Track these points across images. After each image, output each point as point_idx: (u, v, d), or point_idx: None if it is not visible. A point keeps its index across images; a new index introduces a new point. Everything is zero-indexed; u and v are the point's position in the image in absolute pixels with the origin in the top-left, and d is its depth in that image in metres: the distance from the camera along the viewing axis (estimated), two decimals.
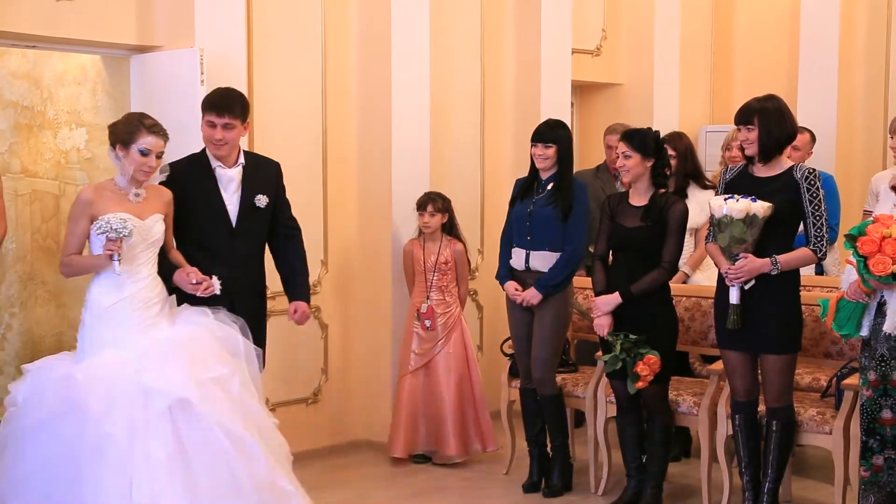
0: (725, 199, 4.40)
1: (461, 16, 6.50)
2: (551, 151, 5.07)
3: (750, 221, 4.35)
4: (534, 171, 5.18)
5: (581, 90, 7.70)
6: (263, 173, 4.60)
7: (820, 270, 5.80)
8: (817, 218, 4.43)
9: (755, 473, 4.61)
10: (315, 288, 5.73)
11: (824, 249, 4.46)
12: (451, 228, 5.79)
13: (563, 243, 5.04)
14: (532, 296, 5.04)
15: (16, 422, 3.88)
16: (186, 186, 4.37)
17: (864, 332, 4.23)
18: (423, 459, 5.73)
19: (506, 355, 5.57)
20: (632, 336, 4.68)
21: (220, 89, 4.58)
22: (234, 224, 4.46)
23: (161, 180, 4.30)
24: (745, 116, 4.50)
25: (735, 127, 4.65)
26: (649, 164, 4.75)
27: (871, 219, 4.15)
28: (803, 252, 4.45)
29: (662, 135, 4.94)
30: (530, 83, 6.72)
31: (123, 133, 4.04)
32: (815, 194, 4.43)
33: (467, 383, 5.73)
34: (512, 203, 5.27)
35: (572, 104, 7.35)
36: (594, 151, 7.35)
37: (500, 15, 6.74)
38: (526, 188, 5.21)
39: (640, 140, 4.75)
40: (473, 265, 6.46)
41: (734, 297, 4.43)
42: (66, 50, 5.43)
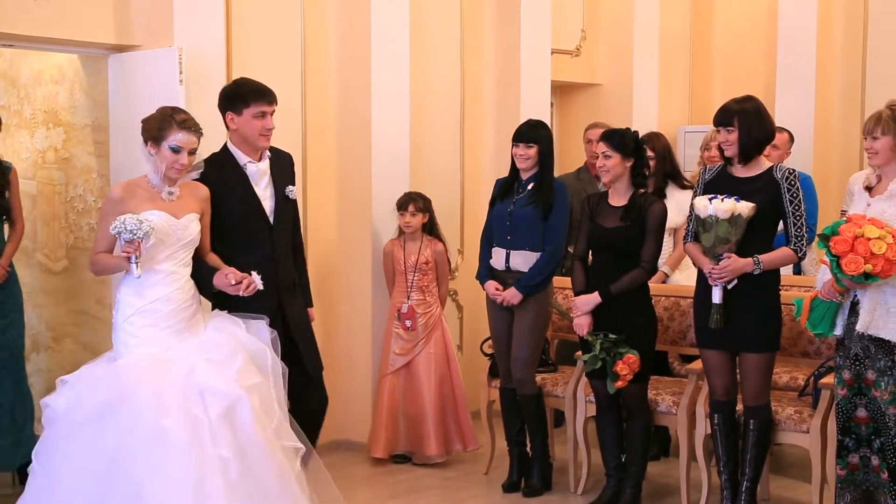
0: (710, 200, 4.42)
1: (441, 16, 6.50)
2: (532, 151, 5.09)
3: (734, 221, 4.38)
4: (514, 171, 5.19)
5: (560, 90, 7.72)
6: (284, 164, 4.50)
7: (798, 270, 5.85)
8: (797, 218, 4.46)
9: (733, 472, 4.64)
10: None
11: (805, 249, 4.50)
12: (431, 228, 5.79)
13: (544, 243, 5.06)
14: (512, 295, 5.05)
15: (61, 422, 3.72)
16: (217, 187, 4.22)
17: (838, 332, 4.26)
18: (404, 459, 5.73)
19: (486, 355, 5.58)
20: (611, 335, 4.70)
21: (247, 79, 4.45)
22: (271, 219, 4.34)
23: (195, 177, 4.16)
24: (724, 118, 4.52)
25: (714, 128, 4.67)
26: (629, 165, 4.77)
27: (844, 218, 4.18)
28: (784, 252, 4.48)
29: (641, 135, 4.97)
30: (510, 83, 6.74)
31: (154, 129, 3.92)
32: (795, 194, 4.46)
33: (447, 383, 5.73)
34: (492, 203, 5.28)
35: (552, 104, 7.36)
36: (574, 151, 7.37)
37: (480, 15, 6.75)
38: (506, 188, 5.22)
39: (619, 140, 4.76)
40: (454, 265, 6.46)
41: (717, 296, 4.46)
42: (44, 49, 5.39)
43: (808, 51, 7.31)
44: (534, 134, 5.11)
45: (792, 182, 4.47)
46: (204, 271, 4.07)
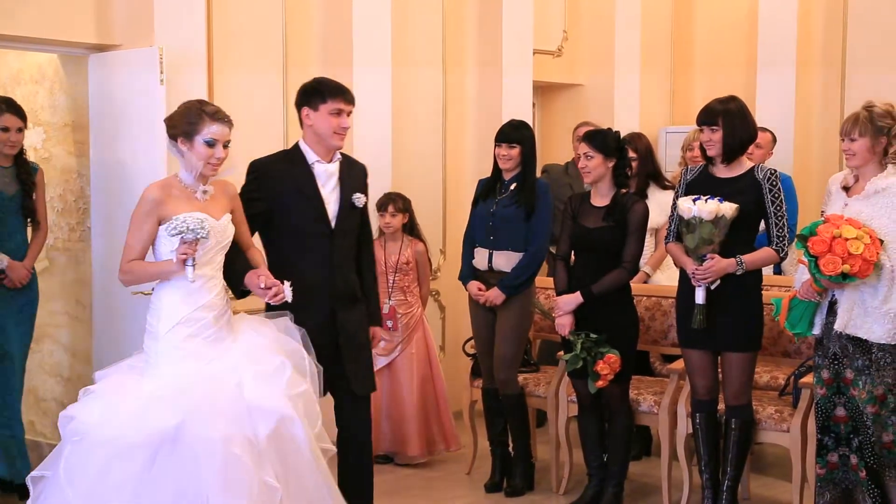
0: (694, 201, 4.43)
1: (423, 16, 6.50)
2: (515, 152, 5.09)
3: (718, 222, 4.39)
4: (497, 171, 5.19)
5: (542, 91, 7.73)
6: (356, 172, 4.32)
7: (777, 270, 5.87)
8: (779, 218, 4.49)
9: (714, 471, 4.66)
10: None
11: (786, 249, 4.52)
12: (411, 229, 5.79)
13: (526, 243, 5.06)
14: (495, 296, 5.06)
15: (99, 442, 3.43)
16: (280, 184, 4.08)
17: (817, 331, 4.29)
18: (386, 460, 5.72)
19: (468, 355, 5.58)
20: (593, 335, 4.71)
21: (327, 78, 4.27)
22: (332, 223, 4.14)
23: (229, 175, 3.89)
24: (708, 117, 4.54)
25: (697, 127, 4.69)
26: (611, 165, 4.78)
27: (821, 219, 4.21)
28: (766, 252, 4.50)
29: (623, 135, 4.98)
30: (492, 84, 6.74)
31: (184, 124, 3.67)
32: (776, 195, 4.49)
33: (430, 383, 5.73)
34: (475, 203, 5.28)
35: (534, 104, 7.38)
36: (556, 151, 7.39)
37: (462, 16, 6.76)
38: (489, 188, 5.22)
39: (601, 140, 4.77)
40: (436, 265, 6.46)
41: (700, 297, 4.47)
42: (23, 48, 5.36)
43: (788, 52, 7.36)
44: (516, 134, 5.12)
45: (774, 182, 4.50)
46: (237, 266, 3.83)
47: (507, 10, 6.72)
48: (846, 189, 4.31)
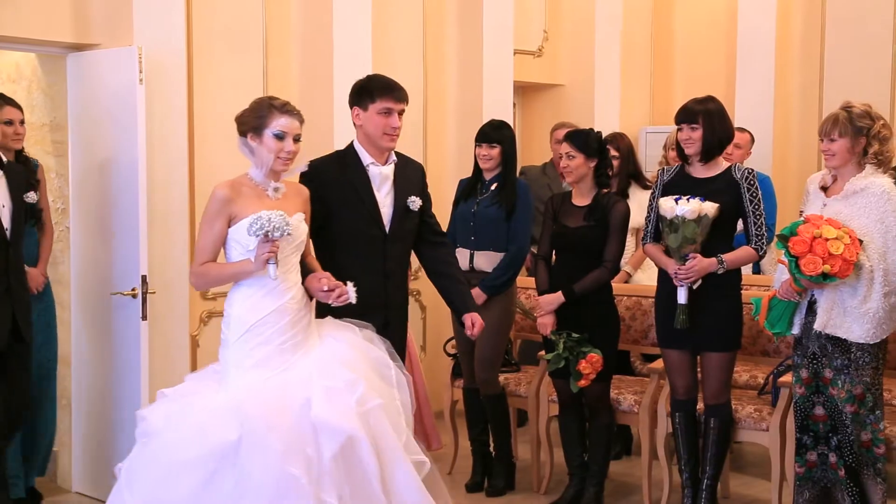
0: (676, 200, 4.45)
1: (403, 16, 6.49)
2: (496, 152, 5.10)
3: (700, 222, 4.41)
4: (477, 171, 5.20)
5: (523, 91, 7.74)
6: (412, 173, 4.19)
7: (757, 270, 5.91)
8: (757, 217, 4.51)
9: (694, 470, 4.68)
10: None
11: (765, 248, 4.55)
12: None
13: (507, 243, 5.06)
14: (476, 296, 5.05)
15: (161, 448, 3.38)
16: (333, 186, 3.95)
17: (796, 331, 4.31)
18: None
19: (449, 355, 5.58)
20: (574, 335, 4.72)
21: (379, 75, 4.14)
22: (387, 228, 4.02)
23: (303, 170, 3.82)
24: (688, 116, 4.55)
25: (677, 126, 4.70)
26: (592, 165, 4.79)
27: (802, 219, 4.23)
28: (746, 251, 4.52)
29: (605, 135, 4.99)
30: (472, 84, 6.74)
31: (253, 119, 3.59)
32: (754, 194, 4.51)
33: (410, 383, 5.71)
34: (455, 203, 5.28)
35: (514, 105, 7.38)
36: (536, 151, 7.40)
37: (443, 16, 6.75)
38: (469, 188, 5.22)
39: (583, 140, 4.78)
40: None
41: (682, 297, 4.48)
42: (0, 48, 5.31)
43: (767, 52, 7.41)
44: (497, 134, 5.12)
45: (751, 182, 4.52)
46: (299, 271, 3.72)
47: (488, 10, 6.72)
48: (824, 189, 4.34)
